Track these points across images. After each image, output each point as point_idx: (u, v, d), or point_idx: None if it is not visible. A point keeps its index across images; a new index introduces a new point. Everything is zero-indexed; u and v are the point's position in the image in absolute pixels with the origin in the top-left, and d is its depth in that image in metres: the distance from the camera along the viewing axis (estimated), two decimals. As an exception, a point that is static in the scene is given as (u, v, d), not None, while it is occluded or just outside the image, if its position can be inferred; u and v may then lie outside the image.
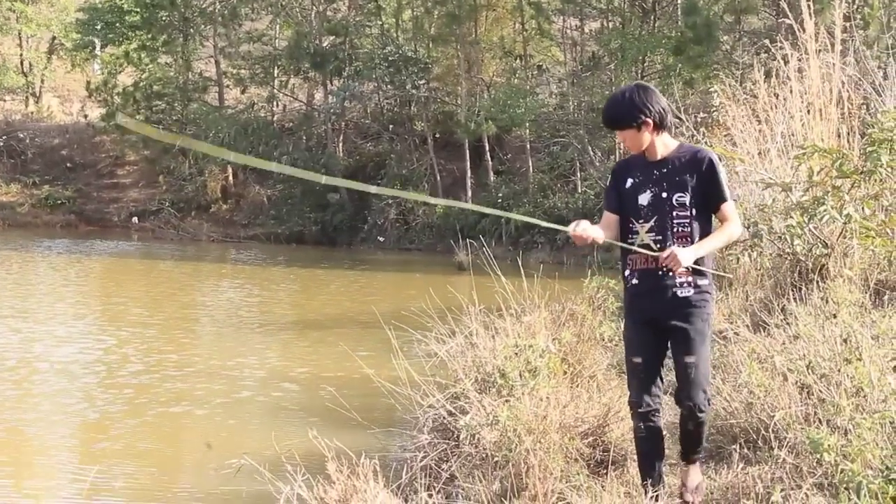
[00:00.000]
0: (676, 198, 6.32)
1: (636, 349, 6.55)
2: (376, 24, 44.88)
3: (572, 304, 10.66)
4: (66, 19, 54.53)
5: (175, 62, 49.67)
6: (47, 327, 18.85)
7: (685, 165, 6.36)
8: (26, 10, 54.77)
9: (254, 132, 45.55)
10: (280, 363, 15.30)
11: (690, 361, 6.27)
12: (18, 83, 55.97)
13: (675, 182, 6.35)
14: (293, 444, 7.84)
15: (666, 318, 6.37)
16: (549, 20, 42.04)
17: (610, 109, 6.54)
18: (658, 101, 6.34)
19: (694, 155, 6.41)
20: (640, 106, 6.28)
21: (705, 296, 6.37)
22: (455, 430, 7.61)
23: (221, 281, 28.48)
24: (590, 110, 37.84)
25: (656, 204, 6.38)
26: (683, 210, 6.32)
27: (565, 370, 8.64)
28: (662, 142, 6.44)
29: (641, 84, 6.59)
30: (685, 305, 6.31)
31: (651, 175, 6.44)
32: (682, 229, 6.32)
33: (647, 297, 6.44)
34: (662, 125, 6.37)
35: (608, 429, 7.43)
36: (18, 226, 46.14)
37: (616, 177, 6.73)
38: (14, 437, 11.49)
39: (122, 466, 10.20)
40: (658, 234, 6.35)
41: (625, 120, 6.37)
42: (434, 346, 9.26)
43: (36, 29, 55.81)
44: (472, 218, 37.48)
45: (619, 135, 6.59)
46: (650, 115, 6.28)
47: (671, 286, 6.31)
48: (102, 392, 13.38)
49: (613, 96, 6.63)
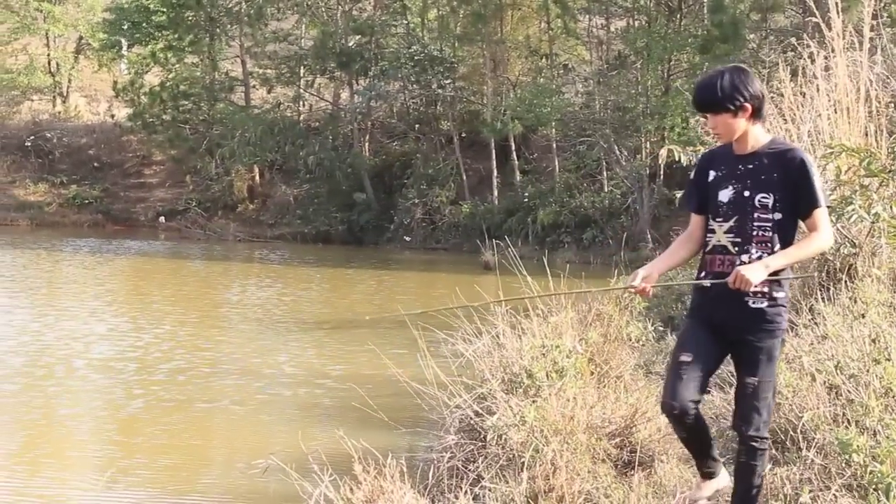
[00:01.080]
0: (759, 198, 5.72)
1: (688, 346, 5.91)
2: (402, 24, 44.91)
3: (599, 305, 10.63)
4: (93, 19, 54.69)
5: (201, 62, 49.78)
6: (81, 325, 18.98)
7: (773, 163, 5.75)
8: (53, 10, 55.02)
9: (280, 132, 45.64)
10: (307, 362, 15.32)
11: (752, 382, 5.71)
12: (46, 83, 56.19)
13: (761, 181, 5.75)
14: (320, 444, 7.85)
15: (734, 329, 5.79)
16: (575, 19, 41.97)
17: (705, 90, 5.88)
18: (757, 86, 5.77)
19: (784, 152, 5.78)
20: (741, 88, 5.70)
21: (780, 310, 5.75)
22: (482, 430, 7.60)
23: (249, 280, 28.54)
24: (616, 109, 37.78)
25: (737, 202, 5.80)
26: (766, 212, 5.72)
27: (592, 370, 8.63)
28: (755, 133, 5.82)
29: (740, 66, 5.96)
30: (757, 319, 5.72)
31: (735, 169, 5.86)
32: (762, 233, 5.71)
33: (716, 302, 5.83)
34: (759, 114, 5.79)
35: (635, 429, 7.41)
36: (46, 225, 46.36)
37: (699, 170, 6.16)
38: (49, 430, 11.60)
39: (150, 462, 10.25)
40: (737, 236, 5.78)
41: (722, 103, 5.73)
42: (461, 346, 9.25)
43: (63, 29, 55.97)
44: (498, 217, 37.58)
45: (711, 120, 5.89)
46: (750, 100, 5.70)
47: (743, 294, 5.65)
48: (134, 389, 13.46)
49: (709, 77, 5.95)
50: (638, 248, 30.46)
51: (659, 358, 10.31)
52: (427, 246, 39.19)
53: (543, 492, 6.57)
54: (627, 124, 37.12)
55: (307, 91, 48.08)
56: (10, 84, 54.44)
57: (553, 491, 6.54)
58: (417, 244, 39.62)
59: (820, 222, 5.66)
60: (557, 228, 35.60)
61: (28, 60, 55.55)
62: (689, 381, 5.77)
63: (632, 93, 37.59)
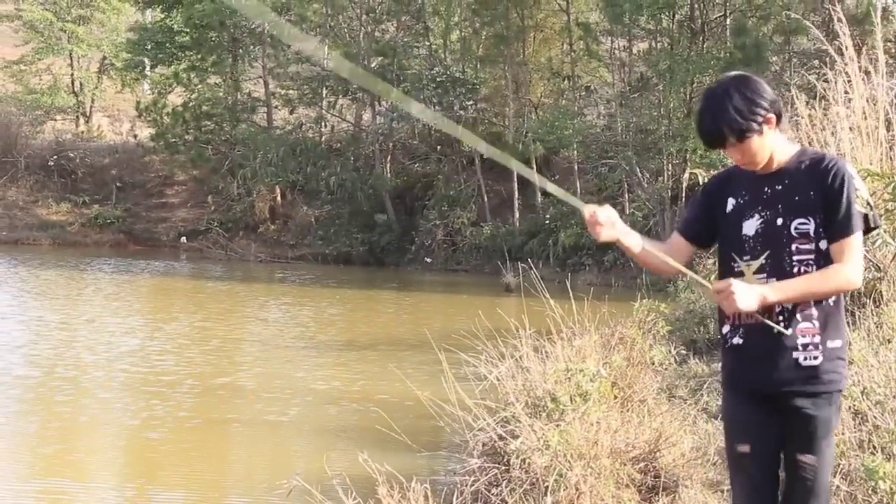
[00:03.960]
0: (797, 225, 4.51)
1: (742, 433, 4.67)
2: (424, 45, 45.04)
3: (622, 328, 10.61)
4: (117, 39, 55.02)
5: (224, 82, 49.98)
6: (103, 344, 19.09)
7: (808, 178, 4.55)
8: (77, 30, 55.33)
9: (302, 153, 45.83)
10: (330, 384, 15.32)
11: (808, 463, 4.48)
12: (69, 103, 56.50)
13: (795, 203, 4.54)
14: (343, 465, 7.85)
15: (782, 393, 4.53)
16: (598, 41, 42.09)
17: (717, 119, 4.56)
18: (769, 89, 4.57)
19: (818, 163, 4.57)
20: (757, 100, 4.50)
21: (837, 365, 4.51)
22: (505, 454, 7.58)
23: (271, 301, 28.56)
24: (638, 131, 37.79)
25: (768, 234, 4.57)
26: (806, 242, 4.50)
27: (616, 394, 8.61)
28: (779, 146, 4.63)
29: (740, 75, 4.66)
30: (810, 378, 4.48)
31: (761, 193, 4.64)
32: (805, 269, 4.49)
33: (756, 363, 4.58)
34: (781, 119, 4.59)
35: (659, 454, 7.39)
36: (68, 245, 46.53)
37: (709, 195, 4.96)
38: (69, 449, 11.61)
39: (173, 482, 10.27)
40: (771, 276, 4.53)
41: (746, 128, 4.50)
42: (483, 369, 9.24)
43: (87, 49, 56.30)
44: (519, 239, 37.60)
45: (735, 151, 4.60)
46: (771, 108, 4.53)
47: (791, 348, 4.47)
48: (156, 408, 13.47)
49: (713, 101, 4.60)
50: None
51: (682, 382, 10.28)
52: (448, 267, 39.21)
53: (567, 516, 6.56)
54: (649, 146, 37.11)
55: (329, 112, 48.21)
56: (34, 104, 54.72)
57: (577, 516, 6.53)
58: (438, 266, 39.66)
59: (848, 253, 4.43)
60: (579, 250, 35.56)
61: (52, 80, 55.93)
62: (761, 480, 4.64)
63: (654, 115, 37.58)
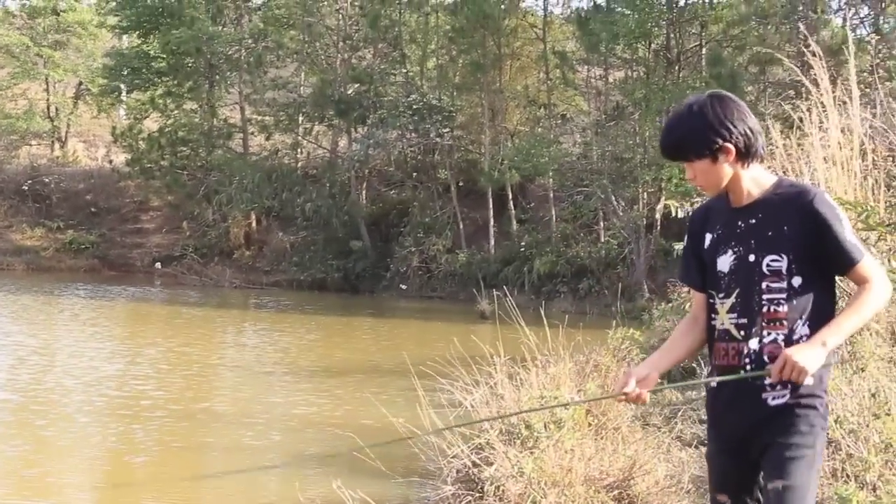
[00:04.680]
0: (768, 262, 4.26)
1: (721, 483, 4.53)
2: (401, 73, 45.07)
3: (596, 356, 10.63)
4: (93, 65, 55.01)
5: (200, 108, 49.99)
6: (77, 370, 18.96)
7: (782, 212, 4.27)
8: (54, 55, 55.42)
9: (278, 179, 45.77)
10: (304, 410, 15.28)
11: (775, 487, 4.20)
12: (45, 128, 56.44)
13: (767, 239, 4.28)
14: (318, 492, 7.81)
15: (757, 436, 4.31)
16: (574, 70, 42.22)
17: (672, 131, 4.45)
18: (742, 118, 4.29)
19: (795, 197, 4.27)
20: (717, 125, 4.26)
21: (812, 401, 4.27)
22: (479, 481, 7.58)
23: (247, 327, 28.53)
24: (613, 159, 37.87)
25: (740, 271, 4.34)
26: (777, 280, 4.25)
27: (590, 422, 8.62)
28: (752, 178, 4.36)
29: (718, 93, 4.40)
30: (780, 418, 4.27)
31: (735, 227, 4.40)
32: (774, 309, 4.24)
33: (729, 407, 4.41)
34: (750, 153, 4.31)
35: (633, 482, 7.39)
36: (42, 270, 46.36)
37: (692, 232, 4.69)
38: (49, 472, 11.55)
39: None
40: (741, 317, 4.32)
41: (694, 146, 4.32)
42: (458, 396, 9.24)
43: (63, 74, 56.39)
44: (494, 266, 37.67)
45: (688, 169, 4.44)
46: (731, 138, 4.26)
47: (759, 389, 4.28)
48: (129, 434, 13.42)
49: (677, 112, 4.51)
50: (634, 299, 30.45)
51: (656, 410, 10.28)
52: (423, 294, 39.19)
53: (541, 544, 6.55)
54: (625, 175, 37.20)
55: (305, 138, 48.20)
56: (9, 129, 54.70)
57: (551, 543, 6.52)
58: (413, 292, 39.61)
59: (868, 273, 4.19)
60: (554, 278, 35.63)
61: (27, 105, 55.87)
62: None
63: (629, 143, 37.70)
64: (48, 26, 56.15)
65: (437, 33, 44.99)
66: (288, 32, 47.37)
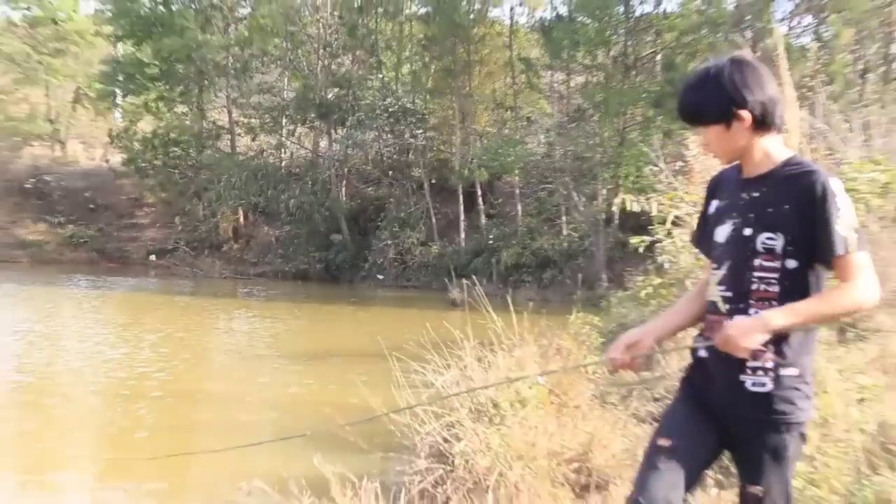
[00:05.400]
0: (764, 239, 3.82)
1: (668, 429, 4.01)
2: (377, 78, 45.08)
3: (558, 339, 10.63)
4: (91, 71, 54.80)
5: (190, 111, 50.09)
6: (88, 353, 19.00)
7: (785, 190, 3.83)
8: (53, 62, 55.26)
9: (263, 177, 45.85)
10: (288, 391, 15.27)
11: (755, 493, 3.87)
12: (46, 130, 56.36)
13: (767, 215, 3.85)
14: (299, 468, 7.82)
15: (731, 419, 3.92)
16: (538, 75, 42.34)
17: (690, 94, 3.99)
18: (763, 86, 3.88)
19: (800, 176, 3.81)
20: (733, 91, 3.84)
21: (793, 395, 3.83)
22: (450, 455, 7.59)
23: (235, 315, 28.46)
24: (575, 158, 37.94)
25: (734, 244, 3.94)
26: (771, 259, 3.81)
27: (552, 401, 8.63)
28: (765, 149, 3.93)
29: (739, 58, 3.96)
30: (759, 406, 3.84)
31: (738, 199, 3.99)
32: (765, 288, 3.82)
33: (709, 382, 3.99)
34: (766, 122, 3.88)
35: (592, 455, 7.41)
36: (45, 262, 46.33)
37: (707, 198, 4.29)
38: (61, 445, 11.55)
39: (139, 483, 10.20)
40: (729, 290, 3.93)
41: (709, 111, 3.92)
42: (431, 377, 9.25)
43: (62, 80, 56.30)
44: (464, 258, 37.74)
45: (703, 135, 4.01)
46: (747, 105, 3.83)
47: (739, 371, 3.85)
48: (131, 413, 13.39)
49: (696, 75, 4.04)
50: (593, 288, 30.51)
51: (613, 389, 10.29)
52: (399, 284, 39.22)
53: (507, 513, 6.57)
54: (585, 173, 37.29)
55: (289, 139, 48.21)
56: (13, 131, 54.64)
57: (516, 512, 6.55)
58: (390, 282, 39.65)
59: (851, 271, 3.72)
60: (519, 268, 35.71)
61: (29, 109, 55.82)
62: (666, 474, 3.86)
63: (589, 143, 37.77)
64: (48, 35, 55.93)
65: (410, 41, 45.10)
66: (272, 40, 47.24)
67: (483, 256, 37.54)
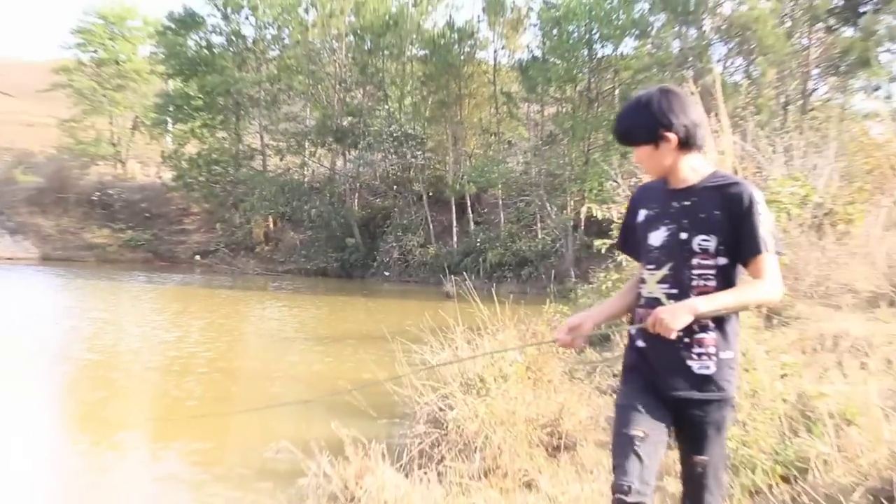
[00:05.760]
0: (699, 241, 3.77)
1: (633, 419, 3.82)
2: (384, 108, 45.04)
3: (534, 325, 10.63)
4: (146, 103, 54.88)
5: (229, 136, 50.10)
6: (147, 336, 18.97)
7: (714, 199, 3.79)
8: (115, 95, 55.40)
9: (289, 190, 45.92)
10: (312, 368, 15.25)
11: (701, 462, 3.81)
12: (109, 152, 56.46)
13: (700, 220, 3.79)
14: (319, 431, 7.82)
15: (676, 398, 3.82)
16: (517, 106, 42.46)
17: (624, 119, 3.98)
18: (686, 111, 3.85)
19: (727, 186, 3.80)
20: (660, 116, 3.82)
21: (729, 374, 3.80)
22: (445, 422, 7.58)
23: (265, 305, 28.41)
24: (548, 175, 37.98)
25: (672, 247, 3.85)
26: (707, 258, 3.77)
27: (529, 376, 8.62)
28: (690, 165, 3.89)
29: (666, 87, 3.95)
30: (702, 386, 3.77)
31: (669, 207, 3.91)
32: (704, 283, 3.76)
33: (656, 367, 3.88)
34: (690, 143, 3.86)
35: (562, 421, 7.40)
36: (108, 262, 46.37)
37: (630, 208, 4.18)
38: (114, 415, 11.52)
39: (188, 443, 10.19)
40: (673, 287, 3.82)
41: (639, 133, 3.89)
42: (428, 357, 9.25)
43: (123, 110, 56.36)
44: (456, 257, 37.77)
45: (635, 153, 3.96)
46: (672, 128, 3.81)
47: (686, 357, 3.78)
48: (182, 386, 13.35)
49: (628, 104, 4.02)
50: (563, 282, 30.44)
51: (580, 367, 10.30)
52: (402, 279, 39.19)
53: (492, 469, 6.57)
54: (556, 187, 37.35)
55: (310, 159, 48.22)
56: (82, 153, 54.83)
57: (499, 469, 6.55)
58: (394, 278, 39.65)
59: (765, 270, 3.72)
60: (502, 266, 35.73)
61: (96, 134, 56.03)
62: (643, 459, 3.73)
63: (560, 163, 37.84)
64: (111, 73, 55.99)
65: (412, 78, 45.05)
66: (297, 77, 47.27)
67: (472, 256, 37.54)
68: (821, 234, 11.38)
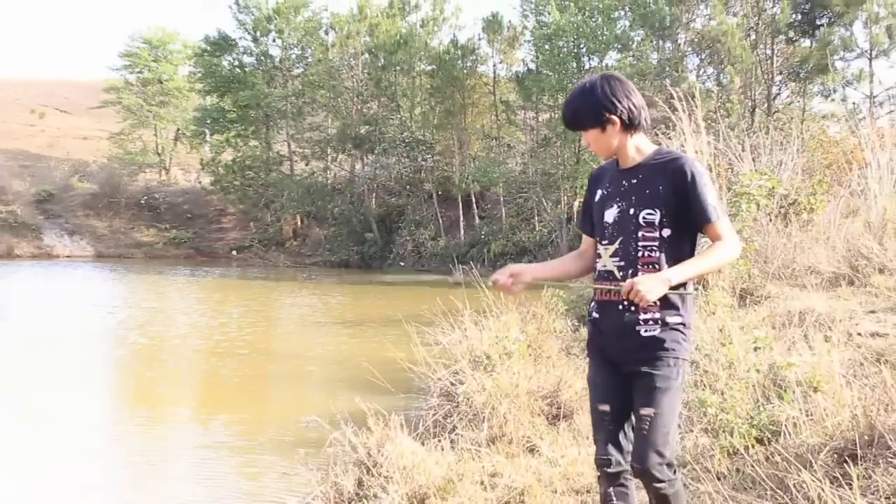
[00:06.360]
0: (644, 215, 3.69)
1: (602, 394, 3.85)
2: (397, 118, 45.02)
3: (534, 308, 10.62)
4: (187, 116, 55.15)
5: (260, 145, 50.25)
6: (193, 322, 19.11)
7: (658, 174, 3.70)
8: (159, 111, 55.89)
9: (314, 192, 46.01)
10: (335, 348, 15.26)
11: (647, 415, 3.65)
12: (154, 160, 56.97)
13: (645, 195, 3.70)
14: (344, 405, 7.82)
15: (628, 361, 3.73)
16: (515, 113, 42.36)
17: (570, 105, 3.82)
18: (628, 95, 3.74)
19: (669, 162, 3.71)
20: (604, 100, 3.70)
21: (677, 336, 3.69)
22: (455, 395, 7.58)
23: (296, 294, 28.44)
24: (543, 174, 37.92)
25: (622, 222, 3.75)
26: (651, 230, 3.68)
27: (530, 353, 8.61)
28: (635, 145, 3.78)
29: (608, 74, 3.83)
30: (650, 347, 3.67)
31: (620, 186, 3.80)
32: (648, 254, 3.68)
33: (607, 336, 3.79)
34: (633, 124, 3.74)
35: (560, 393, 7.38)
36: (155, 258, 46.71)
37: (589, 188, 4.04)
38: (165, 394, 11.55)
39: (231, 415, 10.22)
40: (622, 260, 3.74)
41: (586, 118, 3.75)
42: (440, 337, 9.25)
43: (166, 123, 56.75)
44: (464, 248, 37.82)
45: (584, 137, 3.84)
46: (616, 112, 3.70)
47: (634, 322, 3.69)
48: (225, 367, 13.37)
49: (575, 90, 3.85)
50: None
51: (575, 344, 10.27)
52: (416, 269, 39.19)
53: (498, 437, 6.56)
54: (551, 184, 37.26)
55: (332, 164, 48.22)
56: (130, 162, 55.46)
57: (505, 436, 6.53)
58: (409, 268, 39.67)
59: (721, 232, 3.64)
60: (504, 256, 35.64)
61: (142, 145, 56.41)
62: (616, 432, 3.80)
63: (554, 163, 37.74)
64: (155, 91, 56.35)
65: (420, 90, 45.00)
66: (319, 91, 47.27)
67: (477, 247, 37.53)
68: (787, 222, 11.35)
